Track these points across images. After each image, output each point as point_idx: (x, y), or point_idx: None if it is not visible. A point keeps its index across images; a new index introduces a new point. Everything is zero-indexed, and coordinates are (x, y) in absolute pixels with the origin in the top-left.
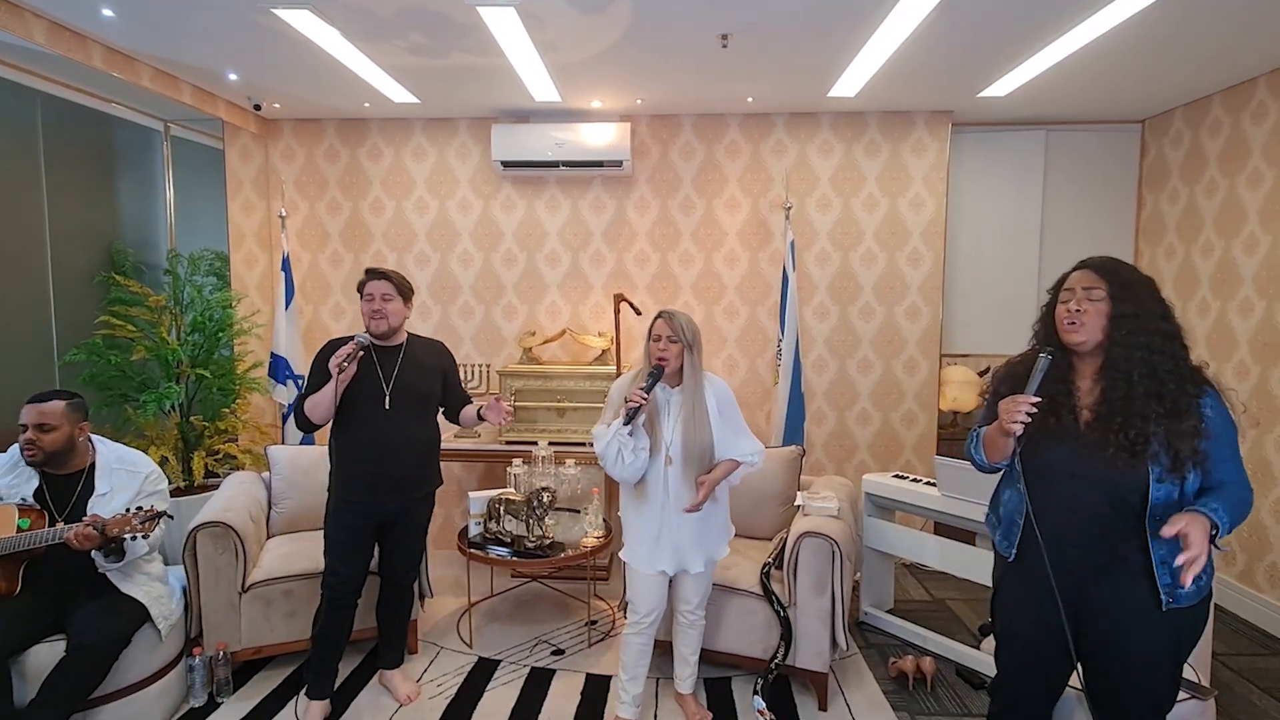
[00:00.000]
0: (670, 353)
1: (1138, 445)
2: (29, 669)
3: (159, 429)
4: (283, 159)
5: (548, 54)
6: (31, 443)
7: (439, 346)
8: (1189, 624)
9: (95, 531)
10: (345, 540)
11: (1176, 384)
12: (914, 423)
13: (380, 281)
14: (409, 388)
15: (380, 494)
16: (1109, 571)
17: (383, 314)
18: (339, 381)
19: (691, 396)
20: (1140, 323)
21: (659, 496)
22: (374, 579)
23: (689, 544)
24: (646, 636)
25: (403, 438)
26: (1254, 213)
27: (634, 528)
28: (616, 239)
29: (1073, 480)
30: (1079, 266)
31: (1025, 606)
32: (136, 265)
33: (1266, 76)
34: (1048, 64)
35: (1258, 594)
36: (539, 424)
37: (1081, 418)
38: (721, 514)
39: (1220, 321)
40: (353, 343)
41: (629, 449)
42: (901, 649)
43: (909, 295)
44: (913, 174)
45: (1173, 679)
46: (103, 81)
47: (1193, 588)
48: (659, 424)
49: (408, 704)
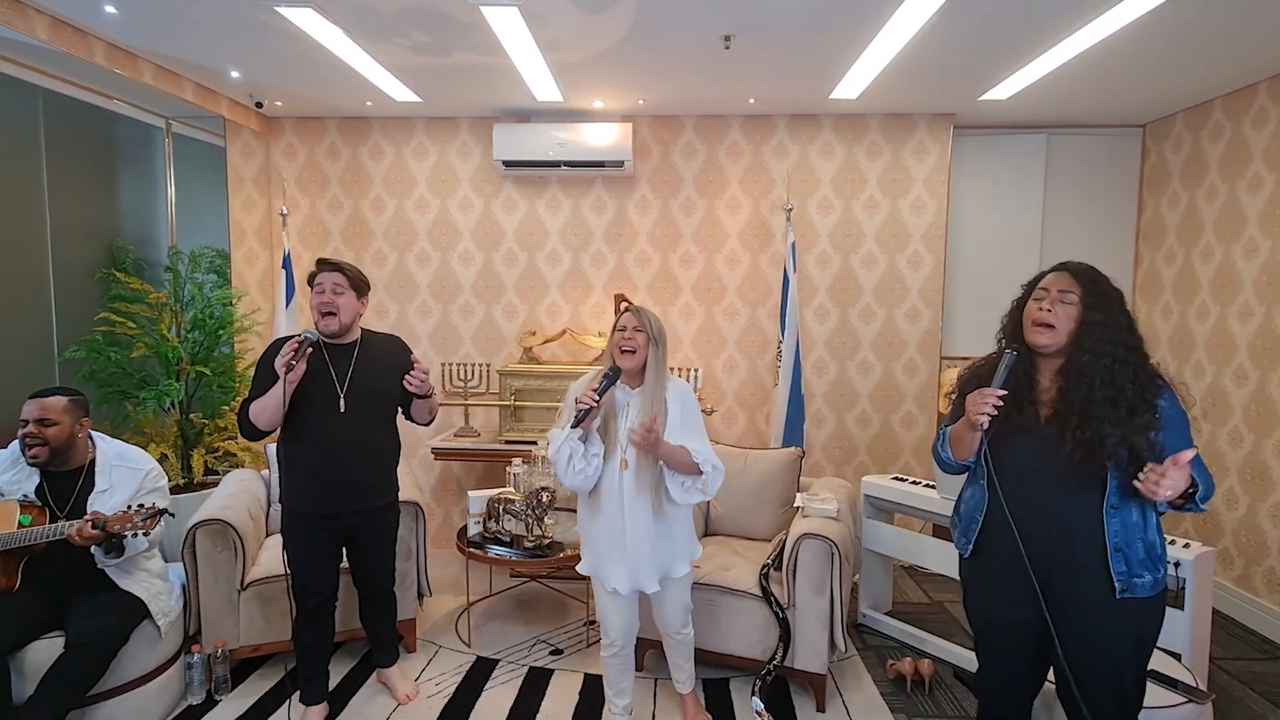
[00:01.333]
0: (636, 341)
1: (1094, 445)
2: (27, 665)
3: (159, 426)
4: (284, 157)
5: (550, 53)
6: (34, 436)
7: (398, 343)
8: (1149, 615)
9: (96, 528)
10: (308, 555)
11: (1135, 391)
12: (913, 425)
13: (333, 273)
14: (366, 389)
15: (334, 505)
16: (1067, 562)
17: (333, 307)
18: (287, 382)
19: (651, 398)
20: (1108, 332)
21: (614, 503)
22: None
23: (646, 556)
24: (623, 658)
25: (359, 443)
26: (1254, 217)
27: (590, 536)
28: (617, 239)
29: (1035, 474)
30: (1057, 268)
31: (994, 602)
32: (137, 262)
33: (1267, 82)
34: (1049, 68)
35: (1255, 598)
36: (538, 424)
37: (1041, 413)
38: (681, 528)
39: (1220, 326)
40: (297, 338)
41: (579, 454)
42: (900, 651)
43: (909, 298)
44: (914, 176)
45: (1138, 674)
46: (105, 78)
47: (1148, 577)
48: (615, 426)
49: (406, 703)
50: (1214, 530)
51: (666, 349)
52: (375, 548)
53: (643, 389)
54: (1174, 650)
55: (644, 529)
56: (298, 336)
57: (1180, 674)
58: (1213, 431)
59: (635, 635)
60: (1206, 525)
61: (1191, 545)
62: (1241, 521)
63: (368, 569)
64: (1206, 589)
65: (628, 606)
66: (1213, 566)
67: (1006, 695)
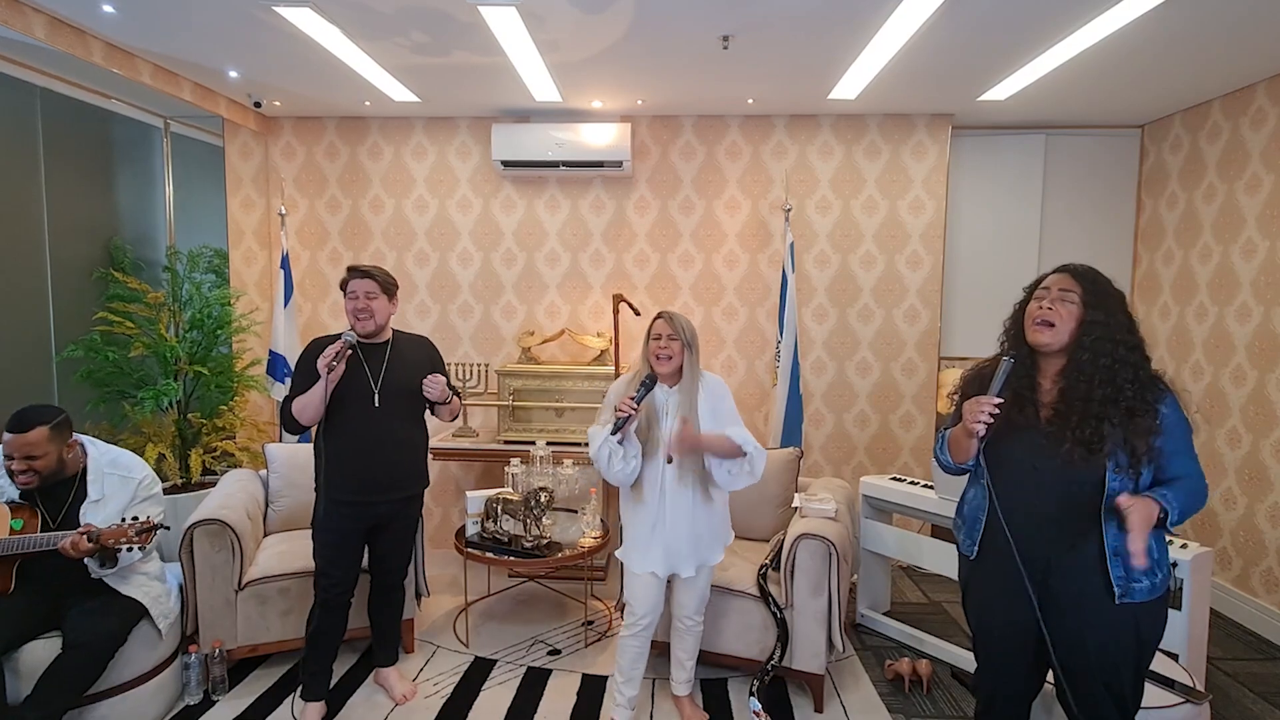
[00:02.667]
0: (671, 349)
1: (1093, 443)
2: (23, 666)
3: (156, 426)
4: (283, 156)
5: (548, 53)
6: (25, 471)
7: (426, 343)
8: (1149, 619)
9: (89, 542)
10: (337, 543)
11: (1135, 392)
12: (912, 425)
13: (364, 280)
14: (398, 386)
15: (371, 494)
16: (1065, 564)
17: (369, 312)
18: (328, 381)
19: (690, 395)
20: (1108, 331)
21: (655, 496)
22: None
23: (684, 545)
24: (643, 640)
25: (392, 437)
26: (1252, 218)
27: (631, 526)
28: (616, 239)
29: (1034, 472)
30: (1059, 270)
31: (994, 603)
32: (135, 262)
33: (1266, 82)
34: (1048, 68)
35: (1253, 599)
36: (537, 424)
37: (1042, 413)
38: (719, 516)
39: (1218, 326)
40: (340, 341)
41: (619, 456)
42: (898, 651)
43: (908, 298)
44: (912, 177)
45: (1137, 678)
46: (103, 77)
47: (1146, 582)
48: (658, 424)
49: (404, 703)
50: (1212, 530)
51: (699, 351)
52: (400, 534)
53: (681, 386)
54: (1171, 650)
55: (684, 519)
56: (342, 337)
57: (1177, 674)
58: (1211, 432)
59: (659, 616)
60: (1204, 525)
61: (1189, 545)
62: (1239, 522)
63: (388, 558)
64: (1204, 589)
65: (658, 587)
66: (1210, 567)
67: (1006, 697)
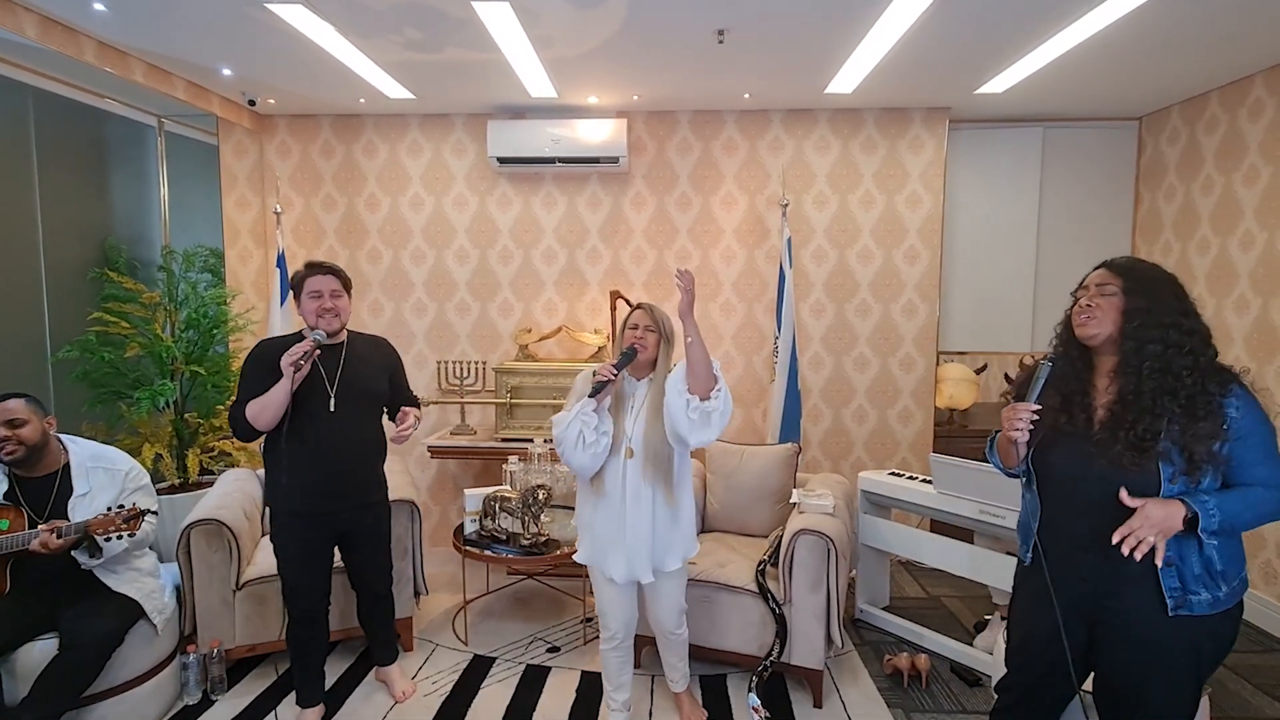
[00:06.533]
0: (647, 341)
1: (1145, 442)
2: (20, 667)
3: (153, 426)
4: (278, 155)
5: (543, 49)
6: (8, 439)
7: (384, 344)
8: (1210, 636)
9: (62, 537)
10: (303, 557)
11: (1195, 382)
12: (910, 420)
13: (328, 277)
14: (356, 388)
15: (330, 503)
16: (1118, 576)
17: (335, 311)
18: (293, 381)
19: (658, 390)
20: (1153, 317)
21: (617, 491)
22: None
23: (644, 546)
24: (623, 650)
25: (349, 441)
26: (1250, 209)
27: (590, 525)
28: (613, 236)
29: (1082, 481)
30: (1097, 266)
31: (1039, 611)
32: (130, 261)
33: (1264, 73)
34: (1045, 60)
35: (1252, 591)
36: (535, 421)
37: (1096, 416)
38: (683, 524)
39: (1216, 318)
40: (308, 340)
41: (590, 428)
42: (897, 646)
43: (906, 292)
44: (910, 171)
45: (1186, 696)
46: (95, 76)
47: (1206, 594)
48: (622, 416)
49: (403, 701)
50: None
51: (674, 346)
52: (370, 546)
53: (650, 380)
54: None
55: (644, 520)
56: (309, 337)
57: None
58: None
59: (634, 627)
60: None
61: None
62: None
63: (364, 569)
64: None
65: (627, 597)
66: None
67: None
